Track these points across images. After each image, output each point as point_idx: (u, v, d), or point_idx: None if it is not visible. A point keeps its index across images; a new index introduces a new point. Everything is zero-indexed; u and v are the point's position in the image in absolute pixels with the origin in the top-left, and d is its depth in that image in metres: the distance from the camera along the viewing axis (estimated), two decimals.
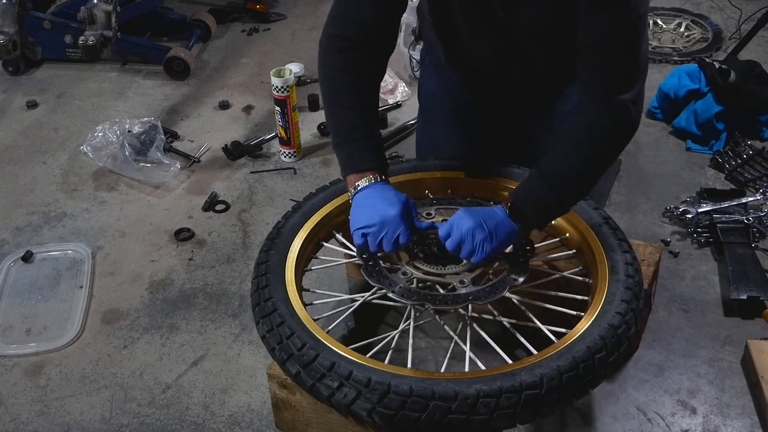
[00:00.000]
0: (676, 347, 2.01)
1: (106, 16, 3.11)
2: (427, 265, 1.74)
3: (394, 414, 1.43)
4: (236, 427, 1.85)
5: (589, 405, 1.86)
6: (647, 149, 2.76)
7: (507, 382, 1.44)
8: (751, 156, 2.62)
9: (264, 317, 1.63)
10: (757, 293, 2.08)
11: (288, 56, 3.45)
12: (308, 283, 1.92)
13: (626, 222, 2.42)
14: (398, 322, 1.73)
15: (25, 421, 1.89)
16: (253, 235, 2.45)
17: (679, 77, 2.85)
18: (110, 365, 2.03)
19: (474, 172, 1.99)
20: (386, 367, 1.50)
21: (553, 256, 1.86)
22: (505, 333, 1.69)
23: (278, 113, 2.72)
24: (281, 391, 1.69)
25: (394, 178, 1.89)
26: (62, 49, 3.35)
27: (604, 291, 1.65)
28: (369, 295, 1.76)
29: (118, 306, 2.21)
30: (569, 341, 1.53)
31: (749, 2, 3.65)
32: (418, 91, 2.29)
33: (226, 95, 3.20)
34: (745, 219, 2.32)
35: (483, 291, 1.67)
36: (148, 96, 3.22)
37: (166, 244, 2.43)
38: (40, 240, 2.45)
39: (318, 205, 1.93)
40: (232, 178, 2.72)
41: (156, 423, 1.87)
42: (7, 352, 2.07)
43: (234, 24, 3.80)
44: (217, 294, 2.24)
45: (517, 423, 1.47)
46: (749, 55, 3.14)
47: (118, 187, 2.69)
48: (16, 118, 3.11)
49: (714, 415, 1.83)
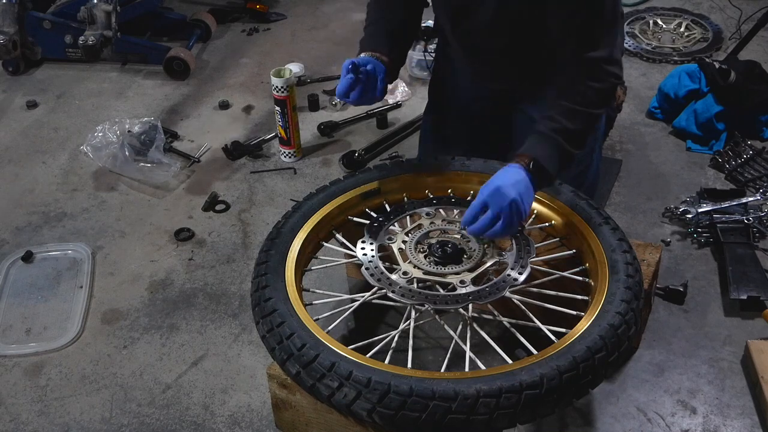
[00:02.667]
0: (676, 347, 2.01)
1: (106, 16, 3.11)
2: (427, 265, 1.74)
3: (394, 414, 1.43)
4: (236, 427, 1.85)
5: (589, 405, 1.86)
6: (647, 149, 2.76)
7: (507, 382, 1.44)
8: (751, 156, 2.62)
9: (264, 317, 1.63)
10: (757, 293, 2.09)
11: (288, 56, 3.45)
12: (308, 283, 1.92)
13: (626, 222, 2.42)
14: (398, 322, 1.73)
15: (25, 421, 1.89)
16: (253, 235, 2.45)
17: (679, 77, 2.84)
18: (110, 365, 2.03)
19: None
20: (386, 367, 1.50)
21: (553, 256, 1.86)
22: (505, 333, 1.69)
23: (278, 113, 2.72)
24: (281, 391, 1.69)
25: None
26: (62, 49, 3.35)
27: (604, 291, 1.65)
28: (369, 295, 1.76)
29: (118, 306, 2.21)
30: (569, 341, 1.53)
31: (749, 2, 3.65)
32: (429, 86, 2.38)
33: (226, 95, 3.20)
34: (745, 219, 2.32)
35: (483, 291, 1.67)
36: (148, 96, 3.22)
37: (166, 244, 2.43)
38: (40, 240, 2.45)
39: (318, 205, 1.93)
40: (232, 178, 2.72)
41: (156, 423, 1.87)
42: (7, 352, 2.07)
43: (234, 24, 3.80)
44: (217, 294, 2.24)
45: (517, 423, 1.47)
46: (749, 55, 3.14)
47: (118, 187, 2.69)
48: (16, 118, 3.11)
49: (714, 415, 1.83)
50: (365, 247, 1.81)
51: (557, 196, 1.90)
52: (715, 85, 2.74)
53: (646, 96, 3.03)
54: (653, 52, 3.35)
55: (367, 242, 1.82)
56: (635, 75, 3.19)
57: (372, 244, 1.81)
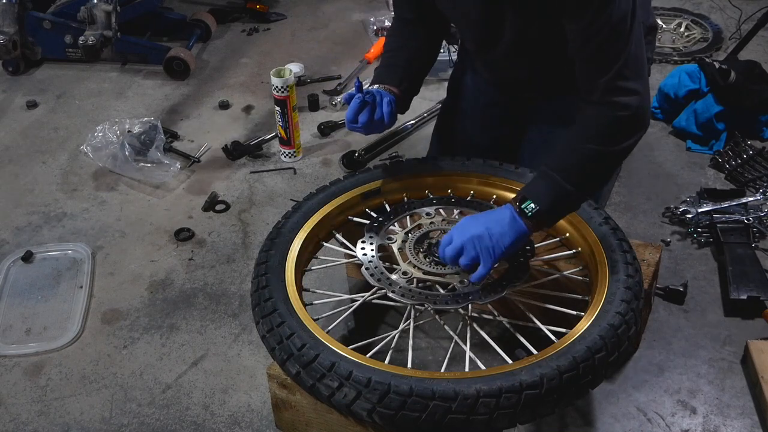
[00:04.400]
0: (676, 347, 2.01)
1: (106, 16, 3.11)
2: (427, 265, 1.74)
3: (394, 414, 1.43)
4: (236, 427, 1.85)
5: (589, 405, 1.86)
6: (647, 149, 2.76)
7: (507, 382, 1.44)
8: (751, 156, 2.62)
9: (264, 317, 1.63)
10: (757, 293, 2.08)
11: (288, 56, 3.45)
12: (308, 283, 1.92)
13: (626, 222, 2.42)
14: (398, 322, 1.73)
15: (25, 421, 1.89)
16: (253, 235, 2.45)
17: (679, 77, 2.84)
18: (110, 365, 2.03)
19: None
20: (386, 367, 1.50)
21: (553, 256, 1.86)
22: (505, 333, 1.69)
23: (278, 113, 2.72)
24: (281, 391, 1.69)
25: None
26: (62, 49, 3.35)
27: (604, 291, 1.65)
28: (369, 295, 1.76)
29: (118, 306, 2.21)
30: (569, 341, 1.53)
31: (749, 2, 3.65)
32: (451, 82, 2.38)
33: (226, 95, 3.20)
34: (745, 219, 2.32)
35: (483, 291, 1.67)
36: (148, 96, 3.22)
37: (166, 244, 2.43)
38: (40, 240, 2.45)
39: (318, 205, 1.93)
40: (232, 178, 2.72)
41: (156, 423, 1.87)
42: (7, 352, 2.07)
43: (234, 24, 3.80)
44: (217, 294, 2.24)
45: (517, 423, 1.47)
46: (749, 55, 3.14)
47: (118, 187, 2.69)
48: (16, 118, 3.11)
49: (714, 415, 1.83)
50: (365, 247, 1.81)
51: None
52: (715, 85, 2.73)
53: None
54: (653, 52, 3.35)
55: (366, 242, 1.82)
56: None
57: (372, 244, 1.81)
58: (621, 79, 1.65)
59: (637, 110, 1.67)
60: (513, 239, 1.64)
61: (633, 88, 1.66)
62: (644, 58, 1.71)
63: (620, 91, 1.65)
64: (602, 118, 1.68)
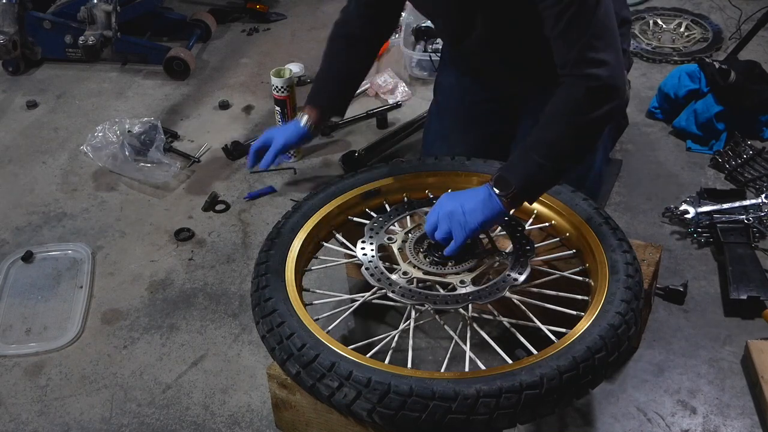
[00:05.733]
0: (676, 347, 2.01)
1: (106, 16, 3.11)
2: (427, 265, 1.75)
3: (394, 414, 1.43)
4: (236, 427, 1.85)
5: (589, 405, 1.86)
6: (647, 149, 2.76)
7: (507, 382, 1.44)
8: (751, 156, 2.62)
9: (264, 317, 1.63)
10: (757, 293, 2.08)
11: (288, 56, 3.45)
12: (308, 283, 1.92)
13: (626, 222, 2.42)
14: (398, 322, 1.73)
15: (25, 421, 1.89)
16: (253, 235, 2.45)
17: (679, 77, 2.84)
18: (110, 365, 2.03)
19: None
20: (386, 367, 1.50)
21: (553, 256, 1.86)
22: (505, 333, 1.69)
23: (278, 113, 2.71)
24: (281, 391, 1.69)
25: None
26: (62, 49, 3.35)
27: (604, 291, 1.65)
28: (369, 295, 1.76)
29: (118, 306, 2.21)
30: (569, 341, 1.53)
31: (749, 2, 3.64)
32: (436, 84, 2.41)
33: (226, 95, 3.20)
34: (745, 219, 2.32)
35: (483, 291, 1.67)
36: (148, 96, 3.22)
37: (166, 244, 2.43)
38: (40, 240, 2.45)
39: (318, 205, 1.93)
40: (232, 178, 2.72)
41: (156, 423, 1.87)
42: (7, 352, 2.07)
43: (234, 24, 3.80)
44: (217, 294, 2.24)
45: (517, 423, 1.47)
46: (749, 55, 3.14)
47: (118, 187, 2.69)
48: (16, 118, 3.11)
49: (714, 415, 1.83)
50: (365, 247, 1.81)
51: (557, 196, 1.90)
52: (715, 85, 2.73)
53: (646, 96, 3.03)
54: (653, 52, 3.35)
55: (366, 242, 1.82)
56: (635, 75, 3.18)
57: (372, 243, 1.81)
58: (591, 50, 1.66)
59: (608, 80, 1.67)
60: (486, 216, 1.70)
61: (603, 59, 1.67)
62: (615, 29, 1.71)
63: (590, 62, 1.66)
64: (573, 91, 1.69)
